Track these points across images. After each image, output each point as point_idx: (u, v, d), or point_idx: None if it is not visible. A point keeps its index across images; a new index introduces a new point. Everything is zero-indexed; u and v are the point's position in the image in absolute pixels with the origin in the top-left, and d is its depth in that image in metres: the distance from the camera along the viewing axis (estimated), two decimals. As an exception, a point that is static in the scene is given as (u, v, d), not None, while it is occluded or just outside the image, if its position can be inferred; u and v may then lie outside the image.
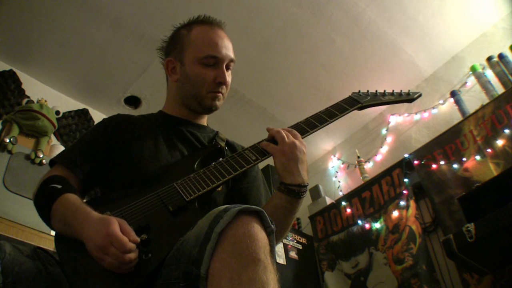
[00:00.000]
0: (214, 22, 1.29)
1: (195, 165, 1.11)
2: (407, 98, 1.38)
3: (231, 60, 1.25)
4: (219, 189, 1.12)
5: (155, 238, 0.89)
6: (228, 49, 1.25)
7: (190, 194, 0.99)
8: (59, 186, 1.03)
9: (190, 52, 1.23)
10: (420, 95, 1.40)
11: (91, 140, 1.20)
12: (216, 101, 1.24)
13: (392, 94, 1.37)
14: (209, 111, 1.28)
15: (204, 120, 1.34)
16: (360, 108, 1.29)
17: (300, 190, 1.03)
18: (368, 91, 1.34)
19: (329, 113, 1.23)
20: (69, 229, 0.95)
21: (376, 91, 1.35)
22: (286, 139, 1.07)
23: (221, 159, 1.11)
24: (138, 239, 0.85)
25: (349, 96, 1.31)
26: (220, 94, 1.24)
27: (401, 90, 1.37)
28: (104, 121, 1.26)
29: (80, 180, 1.11)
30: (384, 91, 1.36)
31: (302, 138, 1.13)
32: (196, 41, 1.24)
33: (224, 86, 1.23)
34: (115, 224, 0.84)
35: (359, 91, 1.34)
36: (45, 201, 1.02)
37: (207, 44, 1.22)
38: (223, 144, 1.23)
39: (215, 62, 1.21)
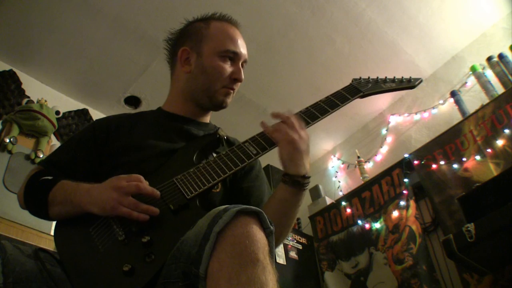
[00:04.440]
0: (233, 20, 1.30)
1: (194, 157, 1.09)
2: (408, 85, 1.35)
3: (245, 60, 1.27)
4: (218, 189, 1.10)
5: (157, 239, 0.88)
6: (245, 48, 1.26)
7: (190, 191, 0.97)
8: (50, 178, 1.04)
9: (209, 45, 1.22)
10: (421, 81, 1.38)
11: (78, 142, 1.18)
12: (227, 98, 1.23)
13: (393, 80, 1.34)
14: (218, 108, 1.25)
15: (207, 118, 1.31)
16: (362, 97, 1.26)
17: (304, 181, 1.03)
18: (369, 77, 1.32)
19: (330, 102, 1.19)
20: (70, 206, 0.97)
21: (377, 77, 1.33)
22: (296, 126, 1.06)
23: (220, 153, 1.08)
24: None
25: (350, 84, 1.28)
26: (232, 91, 1.23)
27: (402, 77, 1.35)
28: (93, 123, 1.24)
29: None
30: (385, 77, 1.34)
31: None
32: (217, 35, 1.23)
33: (238, 83, 1.24)
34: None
35: (360, 77, 1.32)
36: (40, 192, 1.02)
37: (229, 38, 1.23)
38: (221, 133, 1.20)
39: (234, 57, 1.22)
